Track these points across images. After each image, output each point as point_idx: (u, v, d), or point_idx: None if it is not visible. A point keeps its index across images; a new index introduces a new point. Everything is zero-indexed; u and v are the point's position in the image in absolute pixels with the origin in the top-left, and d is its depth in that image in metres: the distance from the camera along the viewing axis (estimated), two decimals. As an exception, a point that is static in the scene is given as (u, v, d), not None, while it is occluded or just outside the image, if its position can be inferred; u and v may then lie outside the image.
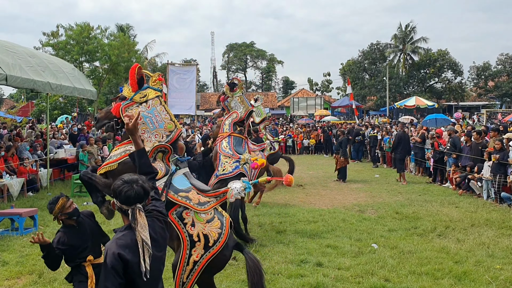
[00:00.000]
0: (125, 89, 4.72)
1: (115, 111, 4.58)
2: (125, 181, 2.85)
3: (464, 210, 10.42)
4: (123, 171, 4.22)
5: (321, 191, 13.36)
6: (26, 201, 11.53)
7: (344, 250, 7.41)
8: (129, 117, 3.52)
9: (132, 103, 4.54)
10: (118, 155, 4.46)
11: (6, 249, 7.60)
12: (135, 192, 2.79)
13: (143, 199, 2.84)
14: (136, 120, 3.59)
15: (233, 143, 8.47)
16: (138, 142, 3.60)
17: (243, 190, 4.59)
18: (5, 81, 10.83)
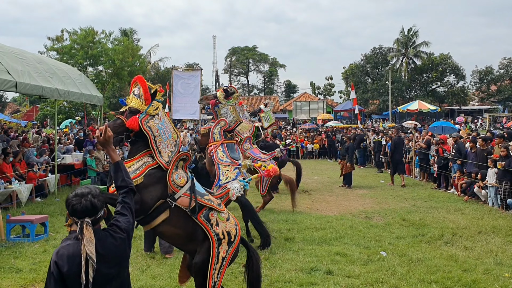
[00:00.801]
0: (133, 101, 4.62)
1: (131, 125, 4.51)
2: (76, 194, 2.91)
3: (470, 217, 10.49)
4: (149, 183, 4.43)
5: (327, 197, 13.43)
6: (35, 207, 11.61)
7: (353, 258, 7.48)
8: (100, 130, 3.50)
9: (147, 116, 4.58)
10: (140, 168, 4.48)
11: (19, 256, 7.68)
12: (81, 206, 2.82)
13: (91, 213, 2.86)
14: (106, 133, 3.46)
15: (228, 151, 8.60)
16: (112, 155, 3.50)
17: (242, 189, 5.05)
18: (15, 88, 10.93)
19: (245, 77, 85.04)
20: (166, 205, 4.50)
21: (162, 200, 4.50)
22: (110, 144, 3.44)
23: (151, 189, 4.47)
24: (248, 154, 11.32)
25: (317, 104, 54.43)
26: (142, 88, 4.61)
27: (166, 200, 4.49)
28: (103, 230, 2.99)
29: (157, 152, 4.54)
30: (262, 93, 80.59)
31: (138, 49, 38.72)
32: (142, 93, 4.59)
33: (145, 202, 4.42)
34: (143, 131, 4.49)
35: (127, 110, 4.60)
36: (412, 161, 17.43)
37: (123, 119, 4.53)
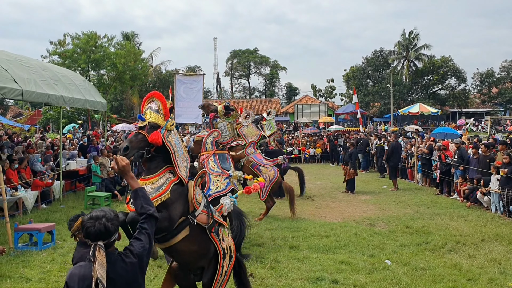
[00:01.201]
0: (152, 116, 4.57)
1: (155, 139, 4.48)
2: (91, 216, 2.95)
3: (473, 224, 10.56)
4: (174, 199, 4.45)
5: (330, 204, 13.51)
6: (40, 214, 11.69)
7: (358, 267, 7.55)
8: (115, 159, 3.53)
9: (166, 131, 4.57)
10: (165, 184, 4.47)
11: (28, 265, 7.76)
12: (95, 230, 2.88)
13: (104, 237, 2.90)
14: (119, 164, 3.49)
15: (219, 161, 8.72)
16: (131, 182, 3.54)
17: (232, 204, 5.18)
18: (21, 96, 11.01)
19: (246, 80, 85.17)
20: (187, 222, 4.52)
21: (184, 217, 4.52)
22: (127, 172, 3.48)
23: (176, 205, 4.49)
24: (251, 159, 11.46)
25: (318, 107, 54.57)
26: (162, 103, 4.62)
27: (188, 217, 4.52)
28: (116, 254, 3.03)
29: (177, 166, 4.55)
30: (263, 95, 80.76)
31: (140, 53, 38.85)
32: (162, 108, 4.59)
33: (172, 219, 4.44)
34: (166, 146, 4.49)
35: (147, 125, 4.54)
36: (415, 166, 17.50)
37: (144, 134, 4.50)
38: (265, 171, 11.24)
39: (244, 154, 11.45)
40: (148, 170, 4.60)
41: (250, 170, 11.50)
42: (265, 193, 11.15)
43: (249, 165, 11.40)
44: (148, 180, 4.49)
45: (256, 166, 11.32)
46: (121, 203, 13.55)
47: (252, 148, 11.60)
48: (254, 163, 11.37)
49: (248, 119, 12.00)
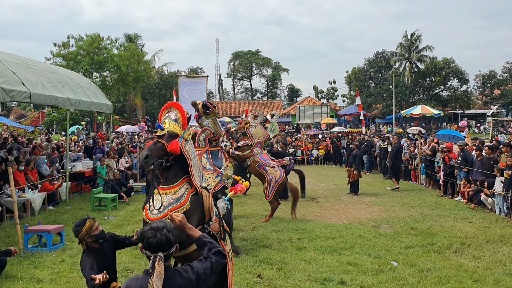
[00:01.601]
0: (171, 125, 4.67)
1: (173, 149, 4.57)
2: (152, 227, 2.93)
3: (477, 225, 10.64)
4: (192, 209, 4.54)
5: (335, 205, 13.60)
6: (48, 215, 11.79)
7: (365, 268, 7.63)
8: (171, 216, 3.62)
9: (183, 140, 4.65)
10: (184, 195, 4.56)
11: (38, 266, 7.85)
12: (157, 240, 2.86)
13: (165, 248, 2.89)
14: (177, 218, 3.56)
15: (211, 158, 8.85)
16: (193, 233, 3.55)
17: (226, 207, 5.23)
18: (29, 99, 11.12)
19: (248, 81, 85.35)
20: (203, 230, 4.53)
21: (201, 226, 4.59)
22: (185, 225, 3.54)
23: (194, 216, 4.57)
24: (258, 159, 11.59)
25: (320, 108, 54.64)
26: (180, 113, 4.74)
27: (204, 226, 4.61)
28: (173, 269, 3.03)
29: (193, 176, 4.64)
30: (265, 97, 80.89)
31: (143, 55, 39.00)
32: (180, 118, 4.70)
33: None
34: (183, 155, 4.57)
35: (165, 134, 4.63)
36: (418, 167, 17.58)
37: (163, 142, 4.57)
38: (271, 171, 11.36)
39: (251, 154, 11.58)
40: (166, 180, 4.67)
41: (256, 170, 11.63)
42: (271, 193, 11.26)
43: (255, 165, 11.52)
44: (168, 190, 4.59)
45: (263, 166, 11.44)
46: (127, 205, 13.67)
47: (258, 148, 11.73)
48: (260, 163, 11.49)
49: (256, 119, 12.11)
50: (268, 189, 11.23)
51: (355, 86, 60.69)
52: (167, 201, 4.52)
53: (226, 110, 59.71)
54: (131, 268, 7.67)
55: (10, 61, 11.75)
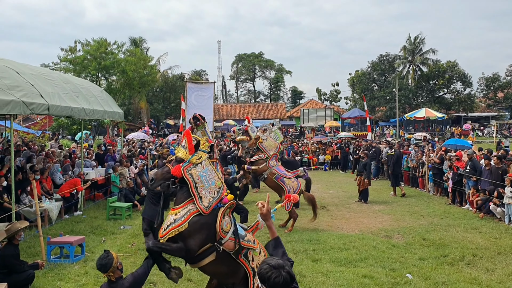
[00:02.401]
0: (179, 151, 5.29)
1: (176, 172, 5.10)
2: (272, 266, 2.83)
3: (488, 236, 10.83)
4: (193, 229, 4.90)
5: (345, 214, 13.78)
6: (65, 225, 12.00)
7: (381, 281, 7.83)
8: (261, 203, 3.84)
9: (190, 164, 5.14)
10: (185, 215, 4.97)
11: (63, 278, 8.06)
12: (283, 279, 2.77)
13: (289, 286, 2.81)
14: (268, 204, 3.77)
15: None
16: (273, 229, 3.70)
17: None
18: (48, 111, 11.31)
19: (251, 84, 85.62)
20: (213, 248, 4.98)
21: (210, 244, 4.97)
22: (269, 218, 3.77)
23: (196, 236, 4.93)
24: (274, 171, 11.83)
25: (324, 111, 54.95)
26: (187, 140, 5.24)
27: (214, 245, 4.96)
28: None
29: (198, 198, 5.03)
30: (268, 99, 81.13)
31: (149, 59, 39.27)
32: (187, 145, 5.21)
33: (191, 249, 4.93)
34: (184, 177, 5.03)
35: (174, 159, 5.23)
36: (426, 175, 17.77)
37: (170, 167, 5.13)
38: (288, 183, 11.61)
39: (267, 167, 11.81)
40: (176, 201, 5.20)
41: (273, 182, 11.85)
42: (290, 204, 11.46)
43: (272, 177, 11.76)
44: (174, 211, 5.08)
45: (280, 178, 11.68)
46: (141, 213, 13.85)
47: (274, 160, 11.98)
48: (277, 175, 11.72)
49: (266, 132, 12.34)
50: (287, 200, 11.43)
51: (359, 89, 60.91)
52: (170, 222, 4.99)
53: (230, 113, 59.96)
54: (154, 281, 7.88)
55: (27, 73, 11.97)
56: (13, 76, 10.75)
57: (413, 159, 19.04)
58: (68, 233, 10.51)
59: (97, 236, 11.00)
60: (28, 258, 8.69)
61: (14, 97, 9.80)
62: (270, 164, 11.97)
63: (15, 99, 9.77)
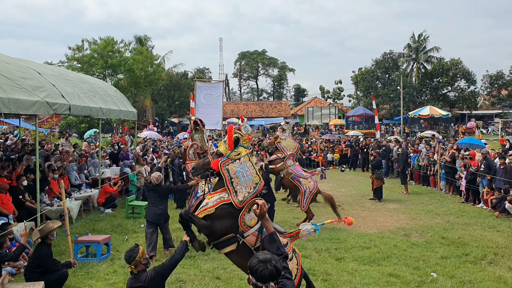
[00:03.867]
0: (221, 146, 5.52)
1: (214, 166, 5.38)
2: (260, 260, 3.10)
3: (506, 235, 10.93)
4: (220, 215, 5.23)
5: (361, 213, 13.89)
6: (85, 223, 12.13)
7: (407, 280, 7.93)
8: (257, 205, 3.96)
9: (228, 159, 5.36)
10: (215, 201, 5.30)
11: (92, 277, 8.18)
12: (269, 272, 3.04)
13: (275, 278, 3.07)
14: (262, 209, 3.94)
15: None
16: (268, 226, 3.89)
17: (313, 232, 5.45)
18: (69, 110, 11.45)
19: (254, 81, 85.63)
20: (235, 239, 5.20)
21: (233, 234, 5.20)
22: (265, 215, 3.94)
23: (221, 221, 5.23)
24: (291, 171, 11.94)
25: (328, 109, 55.01)
26: (228, 136, 5.44)
27: (236, 236, 5.19)
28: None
29: (233, 191, 5.25)
30: (272, 97, 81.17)
31: (156, 58, 39.36)
32: (227, 140, 5.44)
33: (214, 231, 5.24)
34: (221, 172, 5.33)
35: (215, 152, 5.54)
36: (438, 173, 17.87)
37: (210, 158, 5.52)
38: (305, 183, 11.70)
39: (284, 167, 11.91)
40: (214, 188, 5.59)
41: (290, 182, 11.98)
42: (306, 204, 11.62)
43: (289, 177, 11.86)
44: (209, 196, 5.44)
45: (296, 178, 11.78)
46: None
47: (291, 160, 12.06)
48: (294, 175, 11.83)
49: (285, 132, 12.45)
50: (303, 200, 11.59)
51: (362, 86, 60.92)
52: (203, 204, 5.40)
53: (234, 111, 59.99)
54: (183, 279, 8.00)
55: (48, 73, 12.12)
56: (36, 77, 10.88)
57: (424, 157, 19.14)
58: (90, 232, 10.64)
59: (119, 234, 11.12)
60: (55, 256, 8.77)
61: (38, 98, 9.95)
62: (287, 164, 12.07)
63: (39, 100, 9.91)
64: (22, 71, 10.52)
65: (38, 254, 7.25)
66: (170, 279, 7.99)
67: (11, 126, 30.36)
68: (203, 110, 25.81)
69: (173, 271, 8.05)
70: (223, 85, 27.11)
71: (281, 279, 3.29)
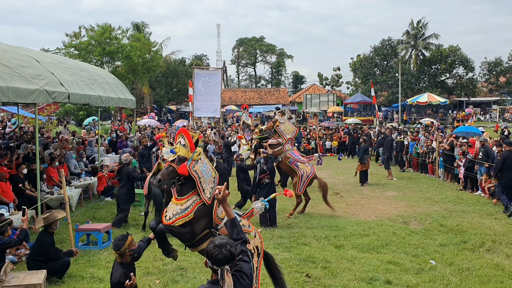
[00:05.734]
0: (179, 150, 5.52)
1: (183, 171, 5.41)
2: (216, 245, 3.29)
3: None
4: (197, 217, 5.39)
5: (360, 200, 13.98)
6: (85, 211, 12.18)
7: (406, 267, 8.01)
8: (218, 189, 4.04)
9: (193, 161, 5.49)
10: (190, 206, 5.42)
11: (94, 265, 8.24)
12: (224, 256, 3.23)
13: (230, 261, 3.26)
14: (224, 192, 4.03)
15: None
16: (229, 211, 4.02)
17: (263, 208, 5.88)
18: (68, 99, 11.38)
19: (252, 68, 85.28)
20: (211, 234, 5.47)
21: (208, 230, 5.49)
22: (226, 201, 4.03)
23: (199, 222, 5.46)
24: (289, 155, 12.02)
25: (327, 96, 54.88)
26: (187, 139, 5.55)
27: (211, 231, 5.47)
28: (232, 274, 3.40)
29: (202, 191, 5.44)
30: (270, 84, 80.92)
31: (153, 45, 39.15)
32: (188, 143, 5.52)
33: (195, 234, 5.45)
34: (191, 176, 5.40)
35: (176, 158, 5.52)
36: (436, 161, 17.94)
37: (174, 166, 5.46)
38: (302, 167, 11.81)
39: (282, 151, 11.97)
40: (179, 192, 5.57)
41: (287, 166, 12.07)
42: (303, 188, 11.75)
43: (286, 161, 11.96)
44: (179, 201, 5.49)
45: (294, 162, 11.89)
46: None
47: (289, 144, 12.16)
48: (291, 159, 11.92)
49: (284, 116, 12.47)
50: (299, 183, 11.70)
51: (361, 73, 60.79)
52: (176, 211, 5.41)
53: (232, 98, 59.87)
54: (184, 267, 8.07)
55: (47, 61, 12.04)
56: (34, 65, 10.82)
57: (423, 145, 19.18)
58: (91, 220, 10.67)
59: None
60: (56, 245, 8.81)
61: (38, 86, 9.90)
62: (285, 148, 12.14)
63: (39, 88, 9.87)
64: (20, 59, 10.45)
65: (40, 243, 7.30)
66: (172, 267, 8.07)
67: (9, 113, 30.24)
68: (202, 97, 25.83)
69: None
70: (221, 73, 27.04)
71: (238, 262, 3.47)
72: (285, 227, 10.84)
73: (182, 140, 5.53)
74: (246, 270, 3.46)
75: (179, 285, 7.39)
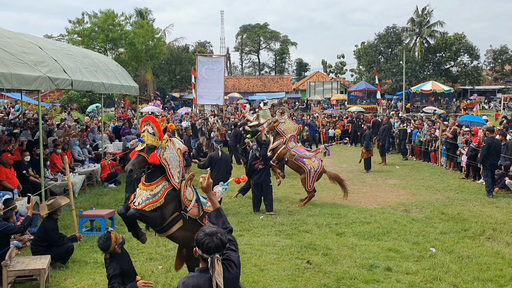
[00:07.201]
0: (149, 138, 5.44)
1: (153, 160, 5.39)
2: (207, 233, 3.26)
3: (505, 211, 11.06)
4: (167, 201, 5.49)
5: (362, 188, 14.03)
6: (89, 198, 12.28)
7: (406, 254, 8.07)
8: (203, 178, 4.05)
9: (161, 149, 5.50)
10: (160, 192, 5.48)
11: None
12: (215, 244, 3.20)
13: (220, 249, 3.25)
14: (208, 180, 4.04)
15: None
16: (214, 200, 4.03)
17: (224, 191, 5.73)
18: (71, 86, 11.44)
19: (256, 55, 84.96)
20: (180, 216, 5.63)
21: (177, 213, 5.61)
22: (210, 190, 4.04)
23: (169, 206, 5.57)
24: (294, 153, 11.97)
25: (331, 84, 54.71)
26: (156, 126, 5.50)
27: (181, 213, 5.60)
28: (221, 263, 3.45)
29: (171, 177, 5.51)
30: (273, 71, 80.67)
31: (157, 32, 39.03)
32: (156, 131, 5.48)
33: (164, 217, 5.55)
34: (162, 164, 5.46)
35: (145, 147, 5.46)
36: (438, 150, 17.93)
37: (144, 155, 5.41)
38: (309, 163, 11.76)
39: (286, 150, 11.95)
40: (148, 179, 5.57)
41: (294, 164, 12.01)
42: (312, 183, 11.70)
43: (292, 159, 11.91)
44: (147, 187, 5.51)
45: (300, 159, 11.84)
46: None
47: (292, 142, 12.12)
48: (297, 156, 11.88)
49: (284, 115, 12.49)
50: (308, 179, 11.65)
51: (365, 61, 60.54)
52: (146, 196, 5.44)
53: (235, 86, 59.81)
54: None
55: (50, 48, 12.07)
56: (37, 52, 10.85)
57: (426, 133, 19.16)
58: (95, 207, 10.76)
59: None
60: (60, 230, 8.90)
61: (40, 73, 9.94)
62: (288, 146, 12.09)
63: (42, 75, 9.91)
64: (23, 46, 10.48)
65: (44, 229, 7.39)
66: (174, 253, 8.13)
67: (13, 100, 30.32)
68: (205, 85, 25.84)
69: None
70: (224, 60, 26.99)
71: (226, 250, 3.45)
72: (287, 214, 10.92)
73: (150, 128, 5.46)
74: (234, 259, 3.47)
75: (181, 271, 7.46)
